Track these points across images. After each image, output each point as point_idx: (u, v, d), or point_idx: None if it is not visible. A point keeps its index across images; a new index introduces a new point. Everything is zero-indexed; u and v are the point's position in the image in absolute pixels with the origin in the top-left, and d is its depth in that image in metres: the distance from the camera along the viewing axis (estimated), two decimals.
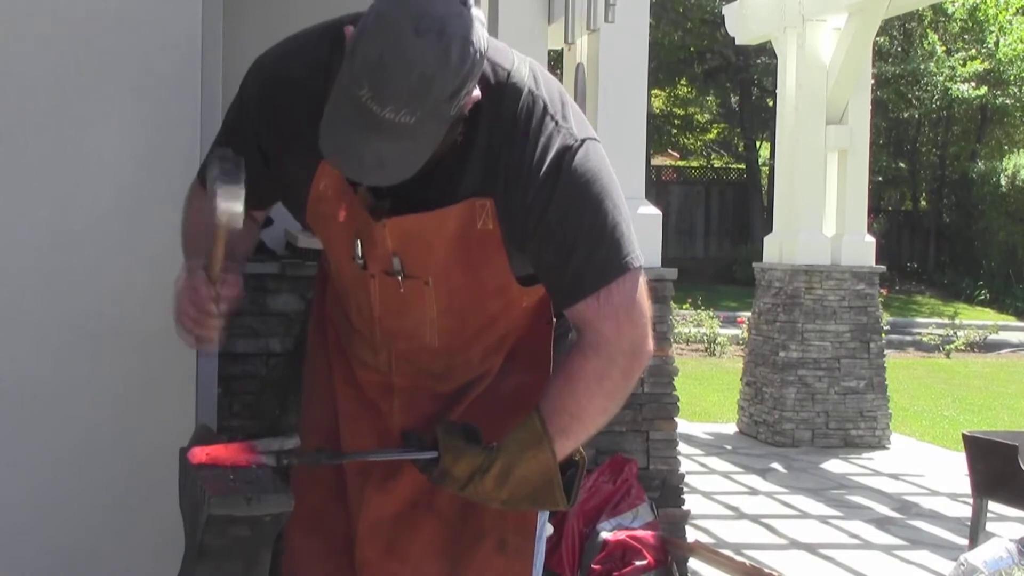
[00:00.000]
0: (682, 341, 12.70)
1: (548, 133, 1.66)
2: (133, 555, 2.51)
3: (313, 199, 1.77)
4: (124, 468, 2.49)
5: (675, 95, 23.34)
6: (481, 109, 1.63)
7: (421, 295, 1.77)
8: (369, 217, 1.71)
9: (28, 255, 2.46)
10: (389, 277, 1.76)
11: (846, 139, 7.42)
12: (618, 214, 1.67)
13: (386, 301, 1.80)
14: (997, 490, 3.68)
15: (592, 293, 1.65)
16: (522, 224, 1.67)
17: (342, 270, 1.87)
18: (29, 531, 2.46)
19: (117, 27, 2.50)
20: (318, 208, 1.78)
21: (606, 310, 1.65)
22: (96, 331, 2.49)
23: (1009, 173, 19.34)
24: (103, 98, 2.49)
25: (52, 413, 2.47)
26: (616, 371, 1.67)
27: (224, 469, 1.67)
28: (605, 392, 1.68)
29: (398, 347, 1.86)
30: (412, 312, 1.80)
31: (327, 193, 1.74)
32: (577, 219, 1.65)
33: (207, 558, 1.61)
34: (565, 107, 1.70)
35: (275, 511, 1.60)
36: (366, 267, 1.77)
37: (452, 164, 1.66)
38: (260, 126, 1.79)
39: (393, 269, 1.74)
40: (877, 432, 7.33)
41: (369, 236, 1.73)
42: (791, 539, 5.05)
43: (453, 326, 1.82)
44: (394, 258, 1.73)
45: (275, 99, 1.76)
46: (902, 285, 20.09)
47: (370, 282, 1.79)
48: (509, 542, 1.88)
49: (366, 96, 1.47)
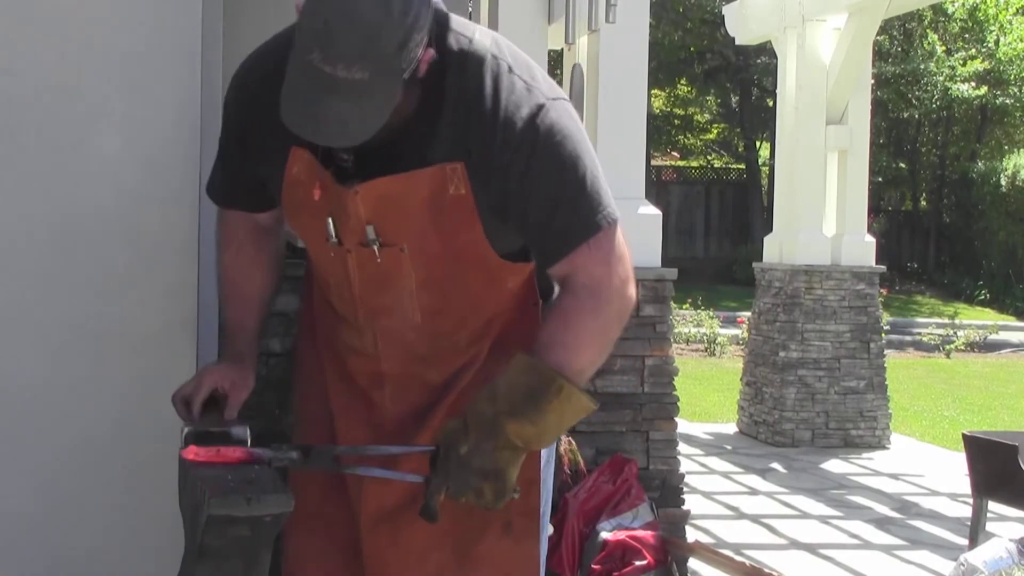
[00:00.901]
0: (682, 341, 12.70)
1: (518, 93, 1.70)
2: (133, 555, 2.51)
3: (288, 186, 1.80)
4: (124, 468, 2.49)
5: (675, 95, 23.34)
6: (445, 75, 1.68)
7: (398, 263, 1.78)
8: (342, 190, 1.73)
9: (28, 255, 2.46)
10: (365, 248, 1.77)
11: (846, 139, 7.41)
12: (595, 168, 1.73)
13: (365, 276, 1.81)
14: (997, 490, 3.68)
15: (583, 243, 1.70)
16: (502, 185, 1.70)
17: (320, 256, 1.88)
18: (29, 531, 2.46)
19: (117, 27, 2.50)
20: (293, 195, 1.81)
21: (597, 256, 1.71)
22: (96, 331, 2.49)
23: (1009, 173, 19.33)
24: (103, 98, 2.49)
25: (52, 413, 2.47)
26: (611, 309, 1.73)
27: (224, 469, 1.67)
28: (600, 329, 1.73)
29: (382, 325, 1.86)
30: (392, 284, 1.81)
31: (300, 177, 1.78)
32: (560, 175, 1.70)
33: (207, 558, 1.61)
34: (532, 69, 1.75)
35: (275, 511, 1.60)
36: (341, 243, 1.79)
37: (420, 130, 1.70)
38: (241, 131, 1.86)
39: (368, 239, 1.76)
40: (877, 432, 7.33)
41: (342, 209, 1.75)
42: (791, 539, 5.05)
43: (435, 302, 1.83)
44: (368, 227, 1.75)
45: (247, 100, 1.84)
46: (902, 285, 20.09)
47: (347, 258, 1.81)
48: (514, 524, 1.89)
49: (317, 59, 1.51)
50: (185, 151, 2.53)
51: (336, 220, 1.77)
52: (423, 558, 1.88)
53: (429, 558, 1.88)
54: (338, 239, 1.79)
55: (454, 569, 1.89)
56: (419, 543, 1.88)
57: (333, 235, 1.78)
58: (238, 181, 1.94)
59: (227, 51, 2.82)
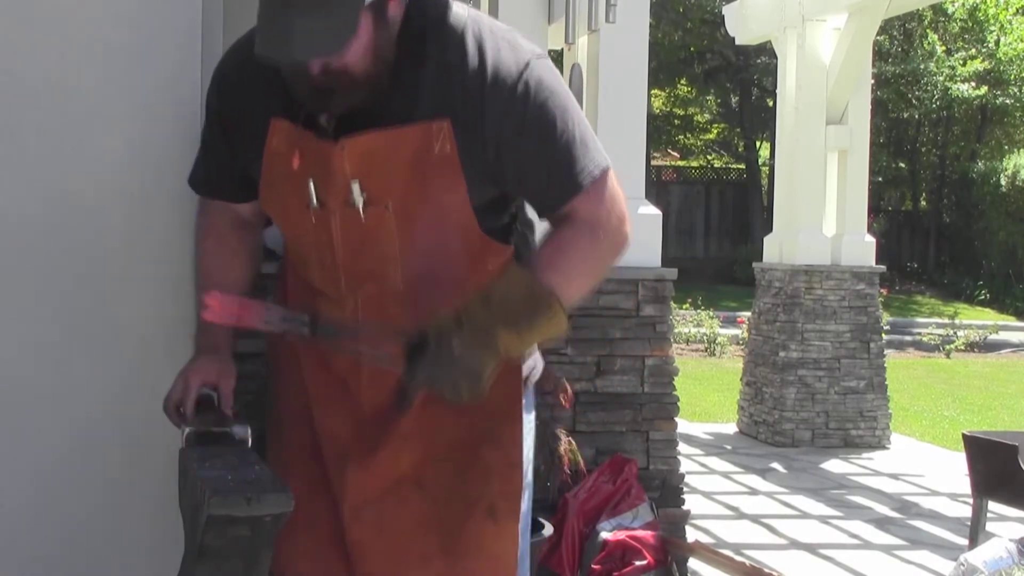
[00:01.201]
0: (682, 341, 12.71)
1: (504, 53, 1.76)
2: (133, 555, 2.51)
3: (268, 160, 1.82)
4: (123, 468, 2.49)
5: (675, 95, 23.34)
6: (425, 40, 1.74)
7: (383, 223, 1.79)
8: (326, 146, 1.74)
9: (27, 255, 2.46)
10: (349, 208, 1.78)
11: (846, 139, 7.41)
12: (583, 118, 1.81)
13: (348, 238, 1.81)
14: (997, 490, 3.68)
15: (581, 191, 1.77)
16: (495, 138, 1.74)
17: (298, 229, 1.87)
18: (28, 531, 2.46)
19: (117, 27, 2.50)
20: (272, 169, 1.83)
21: (595, 199, 1.78)
22: (94, 330, 2.49)
23: (1009, 173, 19.34)
24: (103, 98, 2.49)
25: (51, 413, 2.47)
26: (607, 244, 1.80)
27: (224, 469, 1.67)
28: (594, 260, 1.80)
29: (365, 292, 1.86)
30: (376, 245, 1.82)
31: (279, 148, 1.80)
32: (553, 129, 1.75)
33: (207, 558, 1.62)
34: (511, 31, 1.84)
35: (275, 511, 1.60)
36: (324, 205, 1.79)
37: (402, 92, 1.73)
38: (222, 120, 1.91)
39: (352, 198, 1.76)
40: (877, 432, 7.33)
41: (326, 167, 1.76)
42: (791, 539, 5.05)
43: (418, 269, 1.84)
44: (353, 183, 1.76)
45: (227, 89, 1.90)
46: (902, 285, 20.09)
47: (331, 220, 1.81)
48: (498, 507, 1.90)
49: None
50: (185, 151, 2.52)
51: (318, 182, 1.78)
52: (408, 545, 1.89)
53: (414, 544, 1.89)
54: (320, 202, 1.79)
55: (439, 555, 1.89)
56: (403, 530, 1.89)
57: (314, 199, 1.79)
58: (222, 171, 1.97)
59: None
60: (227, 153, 1.93)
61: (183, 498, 1.76)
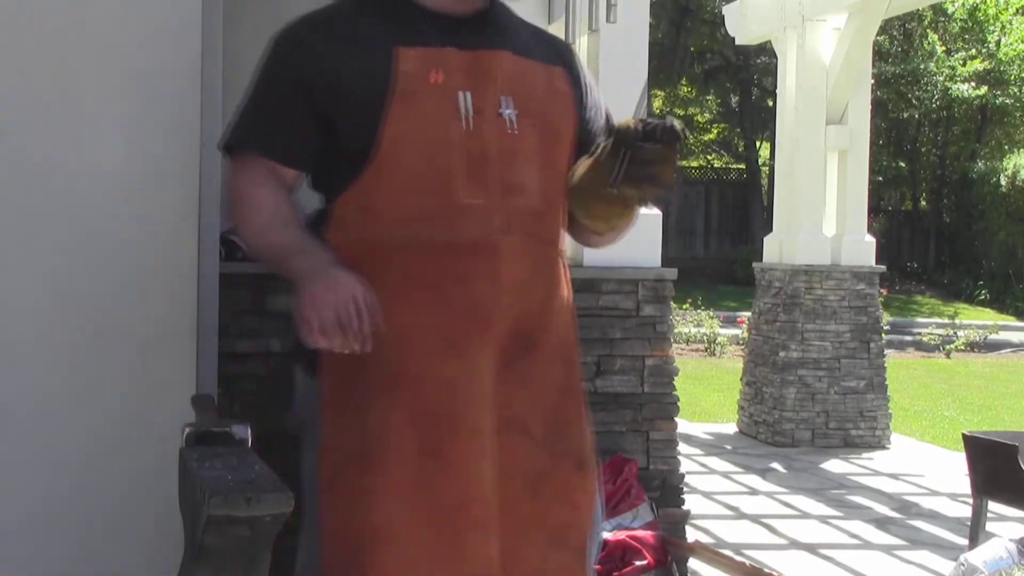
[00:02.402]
0: (682, 341, 12.71)
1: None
2: (133, 555, 2.51)
3: (402, 85, 1.86)
4: (123, 468, 2.49)
5: (675, 95, 23.35)
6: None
7: (529, 137, 1.92)
8: (478, 59, 1.89)
9: (27, 256, 2.46)
10: (500, 118, 1.89)
11: (846, 139, 7.41)
12: None
13: (502, 148, 1.90)
14: (997, 490, 3.68)
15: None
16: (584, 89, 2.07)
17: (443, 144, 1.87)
18: (28, 531, 2.46)
19: (117, 27, 2.50)
20: (408, 88, 1.86)
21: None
22: (96, 332, 2.49)
23: (1009, 173, 19.34)
24: (103, 98, 2.49)
25: (51, 413, 2.47)
26: None
27: (224, 469, 1.67)
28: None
29: (514, 203, 1.90)
30: (524, 158, 1.92)
31: (413, 70, 1.87)
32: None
33: (207, 558, 1.62)
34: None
35: (275, 511, 1.60)
36: (479, 113, 1.88)
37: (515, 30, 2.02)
38: (307, 70, 1.91)
39: (502, 108, 1.90)
40: (877, 432, 7.33)
41: (481, 77, 1.89)
42: (791, 539, 5.05)
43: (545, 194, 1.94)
44: (502, 98, 1.90)
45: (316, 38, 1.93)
46: (902, 285, 20.09)
47: (484, 128, 1.88)
48: (585, 460, 2.00)
49: None
50: (185, 153, 2.53)
51: (470, 92, 1.88)
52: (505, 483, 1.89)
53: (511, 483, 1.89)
54: (472, 110, 1.87)
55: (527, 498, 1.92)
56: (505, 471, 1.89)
57: (468, 107, 1.87)
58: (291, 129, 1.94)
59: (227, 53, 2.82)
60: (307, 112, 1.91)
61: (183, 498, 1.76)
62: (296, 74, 1.92)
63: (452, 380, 1.84)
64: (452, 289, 1.85)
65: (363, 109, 1.86)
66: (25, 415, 2.46)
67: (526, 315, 1.91)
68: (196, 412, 1.98)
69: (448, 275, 1.85)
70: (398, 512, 1.80)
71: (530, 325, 1.92)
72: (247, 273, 3.31)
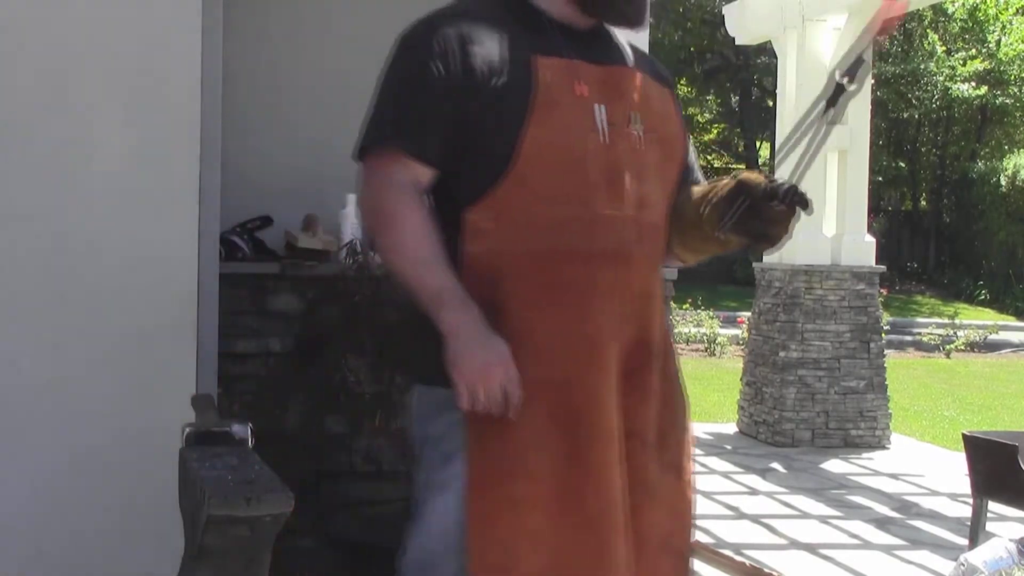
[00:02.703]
0: (682, 341, 12.71)
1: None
2: (133, 555, 2.51)
3: (542, 92, 1.86)
4: (124, 468, 2.49)
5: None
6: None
7: (654, 153, 1.96)
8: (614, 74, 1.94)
9: (28, 256, 2.46)
10: (630, 133, 1.93)
11: (846, 139, 7.41)
12: None
13: (633, 161, 1.93)
14: (997, 490, 3.68)
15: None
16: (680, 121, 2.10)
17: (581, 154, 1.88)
18: (29, 531, 2.46)
19: (117, 27, 2.50)
20: (550, 98, 1.86)
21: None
22: (96, 332, 2.49)
23: (1009, 173, 19.34)
24: (103, 98, 2.49)
25: (52, 413, 2.47)
26: None
27: (224, 469, 1.67)
28: None
29: (644, 216, 1.94)
30: (650, 172, 1.96)
31: (553, 80, 1.87)
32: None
33: (207, 558, 1.62)
34: None
35: (275, 511, 1.60)
36: (613, 127, 1.90)
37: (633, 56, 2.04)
38: (451, 68, 1.85)
39: (632, 124, 1.93)
40: (877, 432, 7.33)
41: (616, 91, 1.93)
42: (791, 539, 5.04)
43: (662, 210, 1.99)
44: (631, 113, 1.94)
45: (460, 37, 1.87)
46: (902, 285, 20.09)
47: (618, 142, 1.91)
48: (684, 468, 2.04)
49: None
50: (185, 152, 2.53)
51: (606, 106, 1.90)
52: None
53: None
54: (607, 126, 1.90)
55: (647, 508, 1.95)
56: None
57: (604, 121, 1.89)
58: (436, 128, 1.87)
59: (227, 51, 2.83)
60: (451, 111, 1.85)
61: (183, 498, 1.76)
62: (440, 71, 1.85)
63: (595, 387, 1.87)
64: (592, 298, 1.88)
65: (505, 114, 1.84)
66: (25, 415, 2.46)
67: (645, 326, 1.96)
68: (196, 412, 1.98)
69: (587, 284, 1.88)
70: (547, 519, 1.83)
71: (647, 336, 1.97)
72: (247, 273, 3.31)
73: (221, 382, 3.06)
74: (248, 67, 3.56)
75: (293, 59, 3.75)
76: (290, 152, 3.80)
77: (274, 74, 3.77)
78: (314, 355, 3.07)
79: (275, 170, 3.77)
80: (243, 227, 3.62)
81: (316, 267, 3.45)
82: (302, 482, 2.99)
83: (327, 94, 3.80)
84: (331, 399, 3.19)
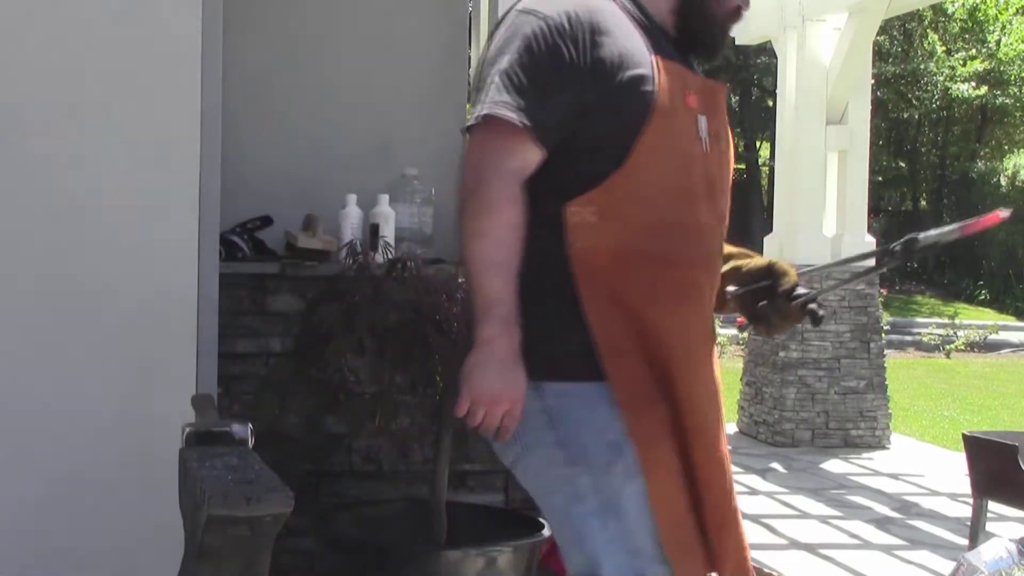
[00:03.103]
0: None
1: None
2: (133, 555, 2.51)
3: (661, 94, 1.85)
4: (124, 468, 2.49)
5: None
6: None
7: (729, 168, 2.02)
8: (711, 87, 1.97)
9: (28, 256, 2.46)
10: (720, 148, 1.96)
11: (846, 139, 7.41)
12: None
13: (719, 173, 1.97)
14: (997, 490, 3.68)
15: None
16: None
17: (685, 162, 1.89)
18: (29, 530, 2.46)
19: (117, 27, 2.50)
20: (669, 103, 1.85)
21: None
22: (96, 332, 2.49)
23: (1009, 173, 19.35)
24: (103, 99, 2.49)
25: (52, 413, 2.47)
26: None
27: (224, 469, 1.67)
28: None
29: (724, 227, 1.99)
30: (725, 187, 2.01)
31: (667, 84, 1.86)
32: None
33: (207, 558, 1.62)
34: None
35: (275, 511, 1.60)
36: (710, 136, 1.93)
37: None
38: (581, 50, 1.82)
39: (719, 139, 1.97)
40: (877, 432, 7.33)
41: (714, 103, 1.96)
42: (791, 539, 5.04)
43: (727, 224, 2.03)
44: (720, 129, 1.98)
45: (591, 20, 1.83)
46: (902, 285, 20.10)
47: (712, 155, 1.93)
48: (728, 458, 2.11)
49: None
50: (185, 152, 2.53)
51: (707, 117, 1.93)
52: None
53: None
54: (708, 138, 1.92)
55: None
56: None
57: (705, 132, 1.91)
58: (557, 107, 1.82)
59: (227, 51, 2.83)
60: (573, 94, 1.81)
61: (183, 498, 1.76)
62: (573, 56, 1.81)
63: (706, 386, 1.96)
64: (693, 301, 1.94)
65: (627, 109, 1.83)
66: (24, 415, 2.46)
67: (713, 329, 2.04)
68: (196, 412, 1.97)
69: (690, 287, 1.92)
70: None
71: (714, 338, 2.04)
72: (247, 273, 3.31)
73: (221, 382, 3.06)
74: (248, 67, 3.56)
75: (293, 59, 3.75)
76: (290, 152, 3.80)
77: (274, 74, 3.77)
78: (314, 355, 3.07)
79: (275, 170, 3.77)
80: (243, 227, 3.63)
81: (316, 267, 3.46)
82: (302, 482, 3.00)
83: (327, 94, 3.80)
84: (331, 399, 3.19)
